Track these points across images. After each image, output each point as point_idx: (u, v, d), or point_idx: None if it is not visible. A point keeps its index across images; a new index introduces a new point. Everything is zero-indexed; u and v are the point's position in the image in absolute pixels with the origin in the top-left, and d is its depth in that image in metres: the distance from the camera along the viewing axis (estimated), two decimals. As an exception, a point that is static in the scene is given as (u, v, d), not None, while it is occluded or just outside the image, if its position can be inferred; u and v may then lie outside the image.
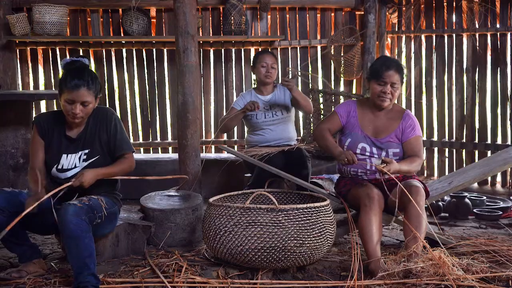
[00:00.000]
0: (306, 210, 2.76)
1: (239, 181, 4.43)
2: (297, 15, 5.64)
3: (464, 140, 5.44)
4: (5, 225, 2.62)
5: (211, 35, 5.50)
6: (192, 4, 3.80)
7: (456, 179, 3.49)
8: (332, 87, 5.61)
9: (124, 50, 5.59)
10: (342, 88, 5.70)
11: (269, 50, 4.39)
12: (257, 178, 3.69)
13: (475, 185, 5.29)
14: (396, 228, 3.79)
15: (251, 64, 4.22)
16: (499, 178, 5.34)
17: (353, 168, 3.22)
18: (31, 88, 5.55)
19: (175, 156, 4.85)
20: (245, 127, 4.34)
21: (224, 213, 2.79)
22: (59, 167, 2.81)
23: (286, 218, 2.71)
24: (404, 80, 3.25)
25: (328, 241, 2.87)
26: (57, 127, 2.85)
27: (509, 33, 5.19)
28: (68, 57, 5.36)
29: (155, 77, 5.66)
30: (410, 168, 3.08)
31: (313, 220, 2.77)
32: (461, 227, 3.88)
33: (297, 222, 2.72)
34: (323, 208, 2.86)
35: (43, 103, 5.60)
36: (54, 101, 5.38)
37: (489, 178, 5.31)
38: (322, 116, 5.25)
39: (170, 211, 3.36)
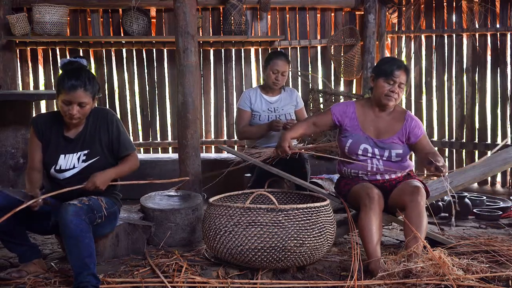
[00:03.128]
0: (306, 210, 2.76)
1: (239, 181, 4.43)
2: (297, 15, 5.64)
3: (464, 140, 5.44)
4: (5, 225, 2.63)
5: (211, 35, 5.50)
6: (192, 4, 3.80)
7: (456, 179, 3.49)
8: (332, 87, 5.61)
9: (124, 50, 5.59)
10: (342, 88, 5.70)
11: (284, 52, 4.31)
12: (258, 179, 3.69)
13: (475, 185, 5.29)
14: (396, 228, 3.79)
15: (263, 62, 4.11)
16: (499, 178, 5.34)
17: (353, 170, 3.22)
18: (31, 88, 5.55)
19: (175, 156, 4.85)
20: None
21: (224, 213, 2.79)
22: (57, 167, 2.81)
23: (286, 218, 2.71)
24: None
25: (328, 241, 2.87)
26: (55, 127, 2.85)
27: (509, 33, 5.20)
28: (68, 57, 5.38)
29: (155, 77, 5.66)
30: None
31: (313, 220, 2.77)
32: (461, 227, 3.88)
33: (297, 222, 2.72)
34: (323, 208, 2.86)
35: (43, 103, 5.60)
36: (54, 101, 5.37)
37: (489, 178, 5.31)
38: (322, 116, 5.26)
39: (170, 211, 3.36)
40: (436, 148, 5.48)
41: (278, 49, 5.56)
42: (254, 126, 4.01)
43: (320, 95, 5.31)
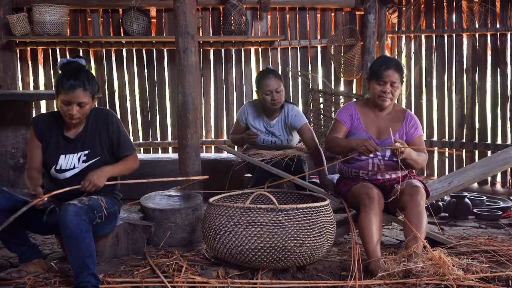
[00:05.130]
0: (306, 210, 2.76)
1: (239, 181, 4.43)
2: (297, 15, 5.64)
3: (464, 140, 5.44)
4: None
5: (211, 35, 5.50)
6: (192, 4, 3.80)
7: (456, 179, 3.49)
8: (332, 87, 5.61)
9: (124, 50, 5.59)
10: (342, 88, 5.70)
11: (271, 68, 4.07)
12: (258, 179, 3.69)
13: (475, 185, 5.29)
14: (396, 228, 3.79)
15: (255, 88, 3.95)
16: (499, 178, 5.34)
17: (354, 169, 3.22)
18: (31, 88, 5.55)
19: (175, 156, 4.85)
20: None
21: (224, 213, 2.79)
22: (58, 167, 2.81)
23: (286, 218, 2.71)
24: (404, 79, 3.25)
25: (328, 241, 2.87)
26: (55, 127, 2.85)
27: (509, 33, 5.19)
28: (68, 57, 5.37)
29: (155, 77, 5.66)
30: (418, 158, 3.06)
31: (313, 220, 2.77)
32: (461, 227, 3.88)
33: (297, 222, 2.72)
34: (323, 208, 2.86)
35: (43, 103, 5.60)
36: (54, 101, 5.36)
37: (489, 178, 5.31)
38: (322, 116, 5.26)
39: (170, 211, 3.36)
40: (435, 148, 5.57)
41: (278, 49, 5.56)
42: (240, 137, 4.01)
43: (320, 95, 5.31)
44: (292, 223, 2.71)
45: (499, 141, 5.29)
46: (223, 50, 5.64)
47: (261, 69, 5.47)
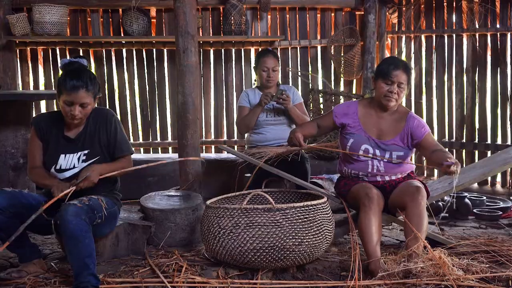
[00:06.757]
0: (303, 208, 2.76)
1: (239, 181, 4.42)
2: (297, 15, 5.63)
3: (464, 140, 5.44)
4: (6, 225, 2.63)
5: (211, 35, 5.50)
6: (192, 4, 3.80)
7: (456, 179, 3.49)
8: (332, 87, 5.61)
9: (124, 50, 5.59)
10: (342, 88, 5.70)
11: (271, 49, 4.32)
12: (256, 179, 3.68)
13: (475, 185, 5.29)
14: (396, 228, 3.79)
15: (254, 64, 4.20)
16: (499, 178, 5.34)
17: (354, 170, 3.21)
18: (31, 88, 5.55)
19: (175, 156, 4.85)
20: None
21: (222, 215, 2.78)
22: (57, 167, 2.81)
23: (284, 217, 2.71)
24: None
25: (327, 239, 2.87)
26: (55, 127, 2.86)
27: (509, 33, 5.19)
28: (68, 57, 5.38)
29: (155, 77, 5.65)
30: None
31: (310, 218, 2.77)
32: (461, 227, 3.88)
33: (295, 221, 2.72)
34: (320, 206, 2.85)
35: (43, 103, 5.60)
36: (54, 101, 5.38)
37: (489, 178, 5.30)
38: (322, 116, 5.26)
39: (170, 211, 3.36)
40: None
41: (278, 49, 5.56)
42: (248, 112, 4.04)
43: (320, 95, 5.31)
44: (289, 222, 2.71)
45: (499, 141, 5.29)
46: (223, 50, 5.64)
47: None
